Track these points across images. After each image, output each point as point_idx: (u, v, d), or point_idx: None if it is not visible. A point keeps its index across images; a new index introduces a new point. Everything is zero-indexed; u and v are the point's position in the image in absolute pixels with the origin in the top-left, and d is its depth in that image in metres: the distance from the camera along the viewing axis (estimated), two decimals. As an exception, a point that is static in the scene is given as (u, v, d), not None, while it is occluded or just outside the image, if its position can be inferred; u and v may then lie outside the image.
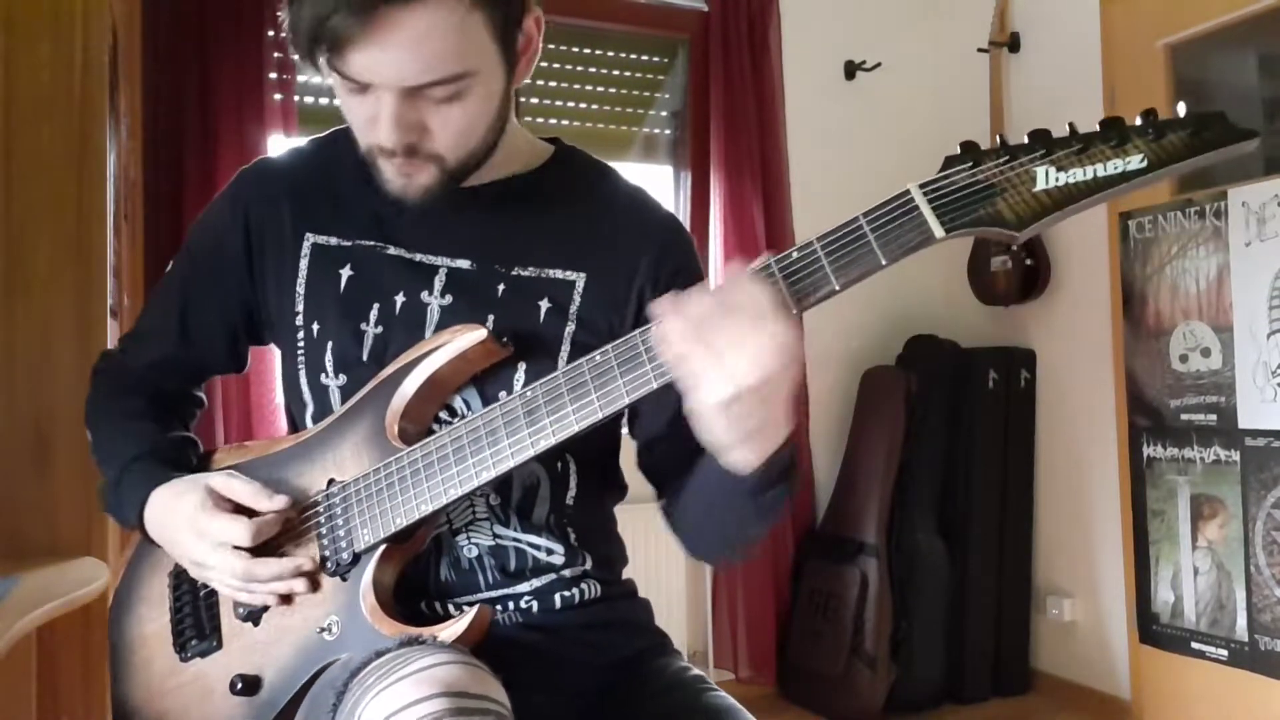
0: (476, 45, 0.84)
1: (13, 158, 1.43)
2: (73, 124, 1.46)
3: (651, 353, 0.79)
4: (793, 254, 0.77)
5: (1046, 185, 0.72)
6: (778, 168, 3.11)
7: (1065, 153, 0.72)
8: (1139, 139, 0.71)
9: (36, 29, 1.45)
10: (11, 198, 1.43)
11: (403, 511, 0.88)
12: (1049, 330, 3.16)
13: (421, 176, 0.89)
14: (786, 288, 0.75)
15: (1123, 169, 0.71)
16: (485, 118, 0.89)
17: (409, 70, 0.82)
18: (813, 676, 2.98)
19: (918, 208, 0.75)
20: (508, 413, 0.85)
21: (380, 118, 0.85)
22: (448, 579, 0.95)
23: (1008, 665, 3.12)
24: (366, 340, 0.95)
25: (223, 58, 2.47)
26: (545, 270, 0.97)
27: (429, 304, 0.95)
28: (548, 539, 0.97)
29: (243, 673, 0.92)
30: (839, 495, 3.14)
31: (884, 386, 3.12)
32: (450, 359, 0.90)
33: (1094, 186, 0.72)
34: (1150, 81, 2.81)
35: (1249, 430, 2.54)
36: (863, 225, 0.76)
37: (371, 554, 0.89)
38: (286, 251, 1.00)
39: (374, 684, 0.75)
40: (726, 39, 3.04)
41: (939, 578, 3.00)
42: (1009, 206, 0.73)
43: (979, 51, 3.25)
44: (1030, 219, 0.73)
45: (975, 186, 0.74)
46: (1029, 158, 0.73)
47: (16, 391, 1.41)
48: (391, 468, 0.89)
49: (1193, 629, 2.69)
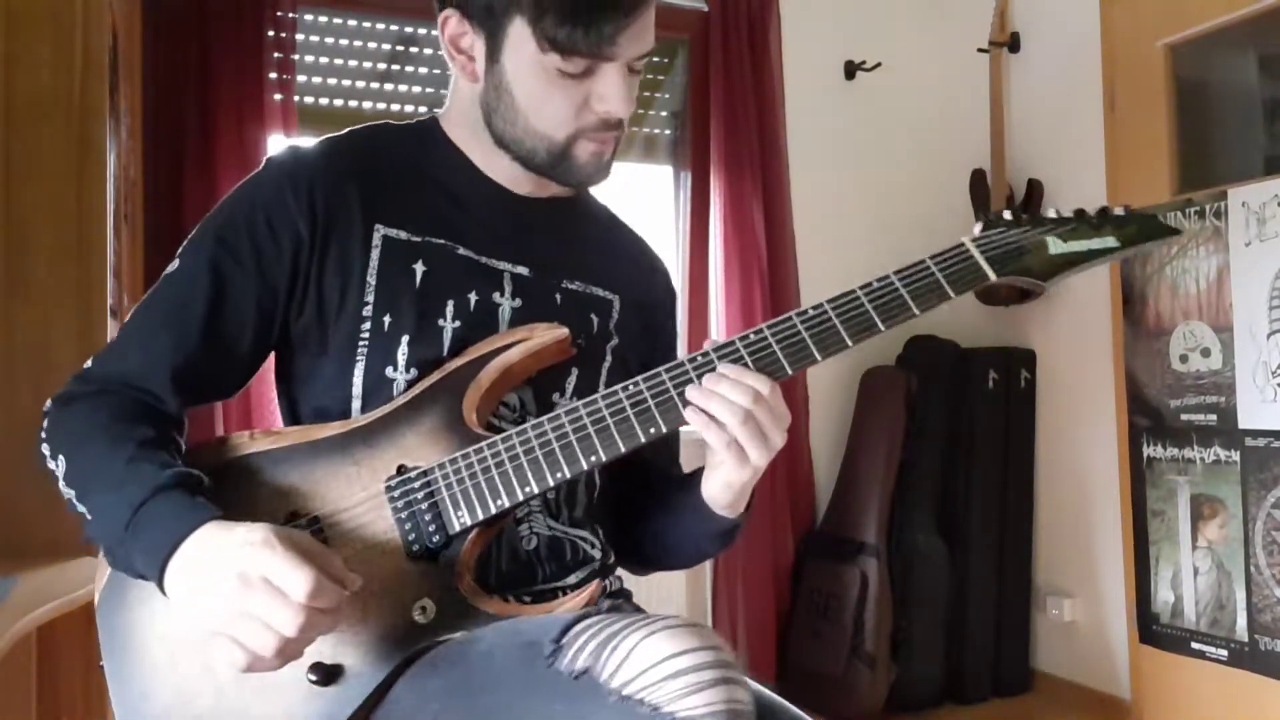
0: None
1: (13, 158, 1.43)
2: (73, 124, 1.47)
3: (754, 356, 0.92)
4: (873, 283, 0.93)
5: (1056, 251, 0.97)
6: (778, 168, 3.11)
7: (1065, 229, 0.98)
8: (1111, 225, 0.98)
9: (36, 29, 1.45)
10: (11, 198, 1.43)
11: (503, 492, 0.90)
12: (1049, 330, 3.16)
13: (610, 148, 1.00)
14: (873, 309, 0.92)
15: (1102, 245, 0.98)
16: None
17: (644, 47, 0.96)
18: (813, 676, 2.98)
19: (973, 256, 0.95)
20: (612, 404, 0.91)
21: (609, 94, 0.95)
22: (508, 569, 0.97)
23: (1008, 665, 3.12)
24: (446, 335, 0.97)
25: (223, 58, 2.47)
26: (590, 286, 1.06)
27: (500, 304, 1.00)
28: (589, 533, 1.03)
29: (321, 661, 0.86)
30: (839, 495, 3.14)
31: (884, 386, 3.12)
32: (526, 355, 0.95)
33: (1086, 256, 0.97)
34: (1150, 81, 2.81)
35: (1249, 430, 2.54)
36: (930, 266, 0.94)
37: (464, 536, 0.90)
38: (354, 240, 0.97)
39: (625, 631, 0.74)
40: (726, 39, 3.04)
41: (939, 578, 3.00)
42: (1036, 262, 0.96)
43: (979, 51, 3.25)
44: (1051, 273, 0.96)
45: (1010, 245, 0.97)
46: (1041, 229, 0.98)
47: (16, 391, 1.41)
48: (484, 452, 0.91)
49: (1193, 629, 2.69)
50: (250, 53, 2.50)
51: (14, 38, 1.43)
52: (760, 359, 0.91)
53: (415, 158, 1.03)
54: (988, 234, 0.97)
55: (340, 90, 2.76)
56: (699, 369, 0.91)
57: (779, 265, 3.09)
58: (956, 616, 3.04)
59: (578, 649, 0.76)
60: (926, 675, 2.98)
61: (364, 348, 0.96)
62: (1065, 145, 3.07)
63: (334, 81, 2.75)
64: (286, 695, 0.86)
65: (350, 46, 2.78)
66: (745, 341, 0.92)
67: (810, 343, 0.92)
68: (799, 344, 0.92)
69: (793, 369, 0.91)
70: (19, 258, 1.43)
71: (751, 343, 0.92)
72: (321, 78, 2.74)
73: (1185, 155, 2.77)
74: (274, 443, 0.95)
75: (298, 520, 0.90)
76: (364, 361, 0.96)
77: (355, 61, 2.78)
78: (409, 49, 2.83)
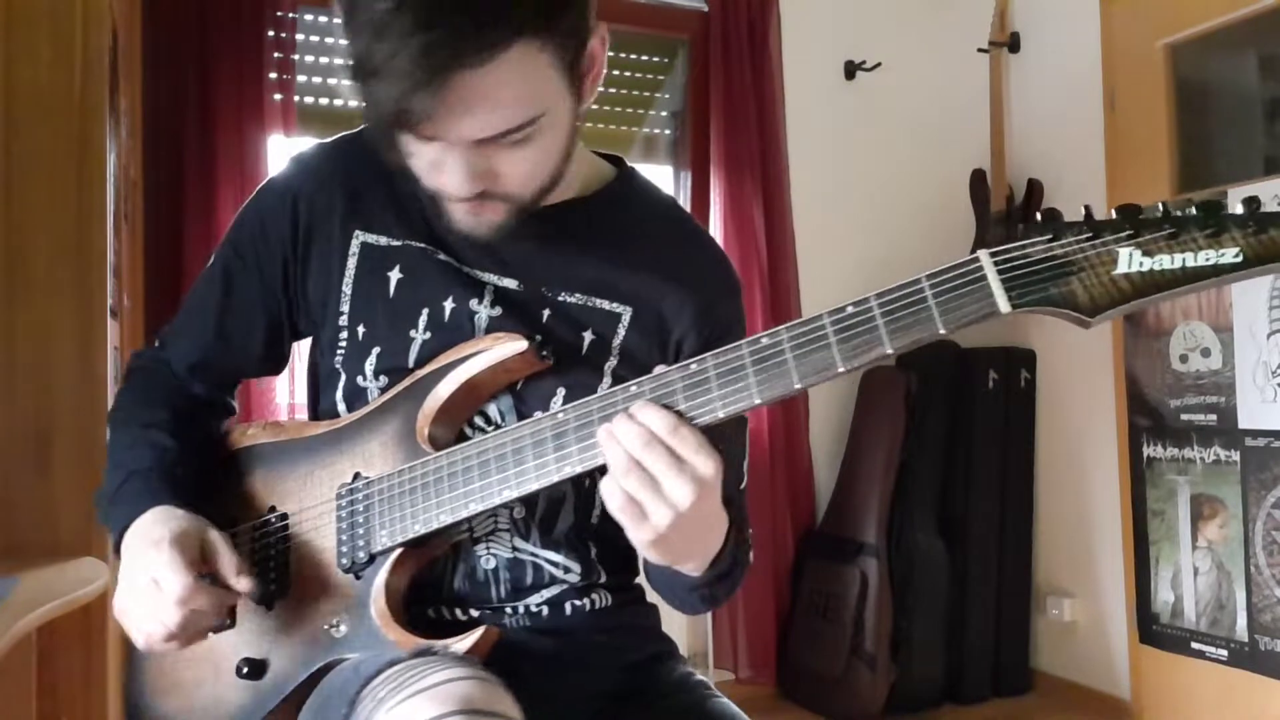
0: (546, 85, 0.81)
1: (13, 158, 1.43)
2: (73, 124, 1.46)
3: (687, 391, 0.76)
4: (847, 308, 0.73)
5: (1129, 269, 0.66)
6: (778, 168, 3.11)
7: (1154, 236, 0.66)
8: (1237, 230, 0.64)
9: (36, 28, 1.45)
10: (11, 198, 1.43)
11: (422, 520, 0.86)
12: (1049, 330, 3.16)
13: (491, 215, 0.87)
14: (836, 344, 0.72)
15: (1215, 261, 0.64)
16: (555, 151, 0.87)
17: (483, 128, 0.79)
18: (813, 676, 2.98)
19: (985, 277, 0.69)
20: (536, 433, 0.82)
21: (447, 168, 0.82)
22: (461, 588, 0.94)
23: (1008, 665, 3.11)
24: (414, 348, 0.94)
25: (223, 58, 2.47)
26: (592, 299, 0.95)
27: (478, 312, 0.93)
28: (566, 556, 0.96)
29: (250, 656, 0.92)
30: (839, 495, 3.14)
31: (884, 386, 3.12)
32: (488, 366, 0.89)
33: (1181, 278, 0.65)
34: (1150, 81, 2.81)
35: (1249, 430, 2.54)
36: (924, 288, 0.71)
37: (387, 557, 0.88)
38: (334, 246, 0.96)
39: (387, 696, 0.74)
40: (726, 39, 3.04)
41: (939, 578, 3.00)
42: (1084, 288, 0.67)
43: (979, 51, 3.25)
44: (1106, 305, 0.67)
45: (1051, 262, 0.68)
46: (1114, 237, 0.67)
47: (16, 391, 1.41)
48: (417, 471, 0.88)
49: (1193, 629, 2.69)
50: (250, 53, 2.50)
51: (14, 37, 1.43)
52: (694, 395, 0.76)
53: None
54: (1018, 245, 0.69)
55: (340, 90, 2.75)
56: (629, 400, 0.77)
57: (779, 265, 3.09)
58: (956, 616, 3.04)
59: (363, 712, 0.76)
60: (926, 675, 2.98)
61: (341, 356, 0.97)
62: (1065, 145, 3.07)
63: (334, 81, 2.75)
64: (223, 680, 0.93)
65: (350, 46, 2.78)
66: (685, 373, 0.76)
67: (753, 382, 0.74)
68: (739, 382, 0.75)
69: (725, 412, 0.75)
70: (19, 258, 1.43)
71: (692, 374, 0.76)
72: (321, 78, 2.74)
73: (1185, 155, 2.77)
74: (273, 436, 0.99)
75: (272, 515, 0.96)
76: (343, 371, 0.97)
77: (355, 61, 2.77)
78: (409, 49, 2.82)
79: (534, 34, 0.77)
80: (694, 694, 0.97)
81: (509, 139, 0.80)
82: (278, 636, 0.92)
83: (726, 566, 0.86)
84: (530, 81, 0.79)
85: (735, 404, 0.74)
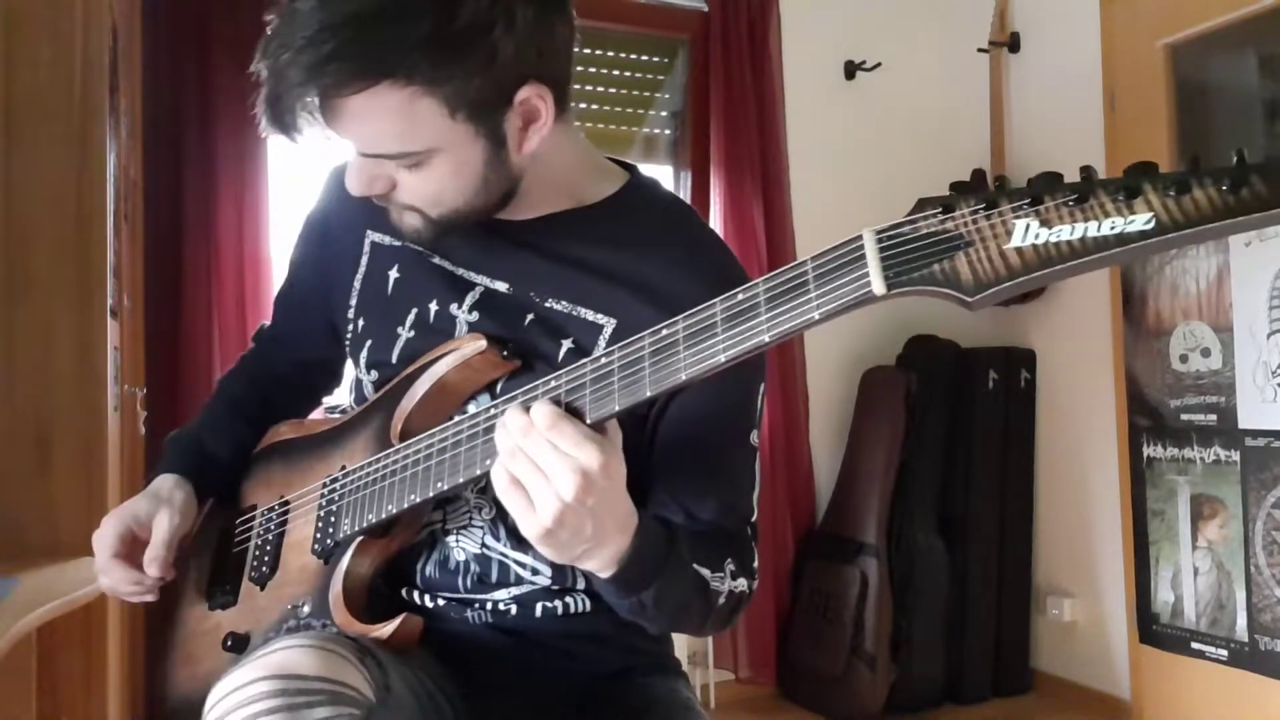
0: (430, 126, 0.83)
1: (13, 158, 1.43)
2: (73, 124, 1.46)
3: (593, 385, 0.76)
4: (738, 294, 0.71)
5: (1021, 243, 0.57)
6: (778, 168, 3.11)
7: (1055, 202, 0.57)
8: (1154, 193, 0.55)
9: (36, 29, 1.45)
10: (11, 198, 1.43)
11: (375, 508, 0.91)
12: (1049, 330, 3.16)
13: (406, 218, 0.92)
14: (723, 329, 0.70)
15: (1120, 230, 0.55)
16: (461, 186, 0.88)
17: (363, 145, 0.86)
18: (813, 676, 2.98)
19: (863, 256, 0.63)
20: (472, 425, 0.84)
21: (349, 166, 0.89)
22: (431, 574, 0.98)
23: (1008, 665, 3.11)
24: (399, 343, 0.99)
25: (223, 58, 2.47)
26: (577, 308, 0.94)
27: (456, 316, 0.97)
28: (535, 559, 0.96)
29: (235, 631, 0.99)
30: (839, 495, 3.14)
31: (884, 386, 3.12)
32: (455, 365, 0.93)
33: (1077, 250, 0.56)
34: (1150, 81, 2.81)
35: (1249, 430, 2.54)
36: (808, 270, 0.66)
37: (349, 543, 0.93)
38: (351, 245, 1.06)
39: (233, 666, 0.79)
40: (726, 39, 3.04)
41: (939, 578, 3.00)
42: (969, 265, 0.59)
43: (979, 51, 3.25)
44: (988, 284, 0.59)
45: (937, 237, 0.60)
46: (1011, 205, 0.58)
47: (16, 392, 1.41)
48: (380, 464, 0.92)
49: (1193, 629, 2.69)
50: (250, 53, 2.48)
51: (14, 38, 1.43)
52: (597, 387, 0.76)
53: None
54: (915, 217, 0.62)
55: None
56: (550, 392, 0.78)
57: (779, 265, 3.07)
58: (956, 617, 3.04)
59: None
60: (926, 675, 2.98)
61: (349, 348, 1.07)
62: (1065, 145, 3.07)
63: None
64: (215, 653, 1.00)
65: (350, 46, 2.77)
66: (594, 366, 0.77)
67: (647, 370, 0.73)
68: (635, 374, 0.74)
69: (622, 404, 0.74)
70: (19, 258, 1.43)
71: (600, 366, 0.76)
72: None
73: (1185, 155, 2.75)
74: (293, 432, 1.09)
75: (279, 501, 1.03)
76: (350, 362, 1.08)
77: (355, 61, 2.77)
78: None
79: (406, 79, 0.80)
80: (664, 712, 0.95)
81: (396, 161, 0.86)
82: (261, 616, 0.98)
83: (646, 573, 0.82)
84: (404, 119, 0.82)
85: (631, 397, 0.73)
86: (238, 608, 1.01)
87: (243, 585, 1.02)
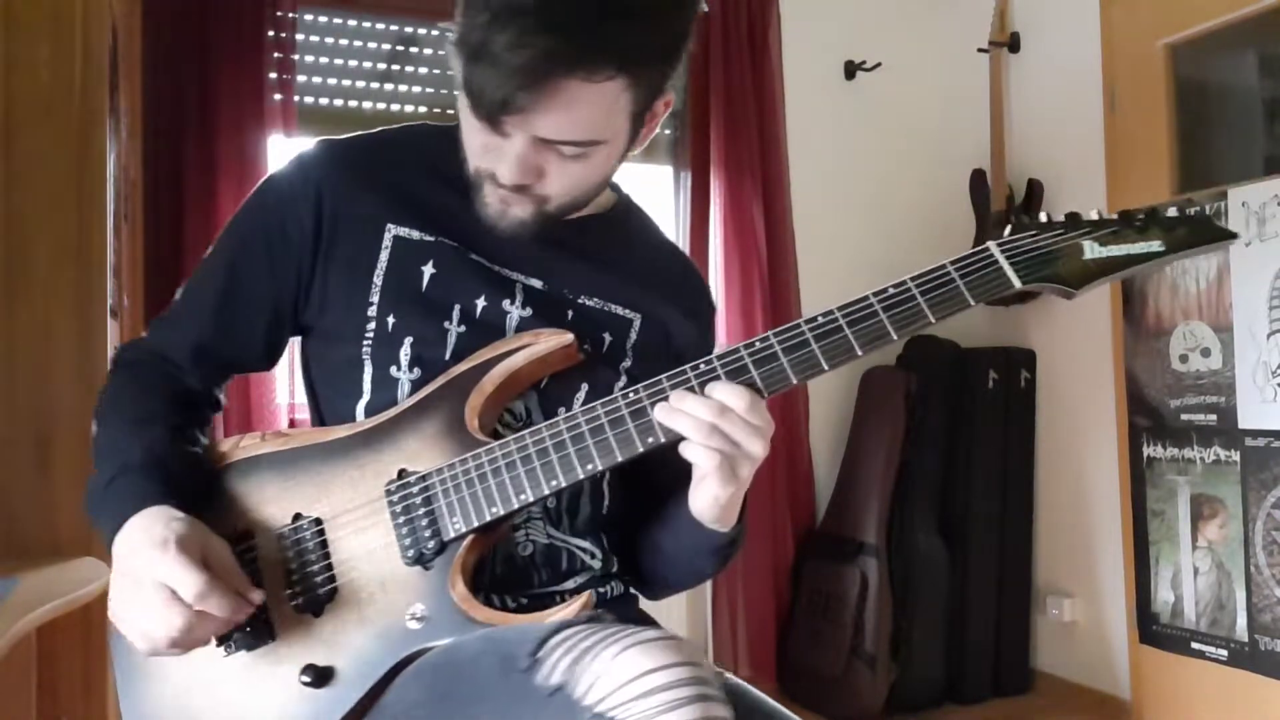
0: (617, 121, 0.90)
1: (13, 158, 1.44)
2: (73, 124, 1.47)
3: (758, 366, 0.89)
4: (889, 289, 0.90)
5: (1092, 256, 0.91)
6: (778, 168, 3.11)
7: (1103, 233, 0.92)
8: (1158, 228, 0.91)
9: (36, 29, 1.45)
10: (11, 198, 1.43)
11: (498, 500, 0.89)
12: (1049, 330, 3.16)
13: (519, 210, 0.94)
14: (887, 318, 0.89)
15: (1146, 250, 0.91)
16: (598, 178, 0.96)
17: (556, 131, 0.87)
18: (813, 676, 2.98)
19: (998, 262, 0.91)
20: (591, 419, 0.90)
21: (506, 155, 0.89)
22: (502, 574, 0.96)
23: (1008, 665, 3.11)
24: (450, 339, 0.97)
25: (223, 58, 2.47)
26: (608, 304, 1.03)
27: (510, 312, 0.99)
28: (591, 543, 1.01)
29: (314, 663, 0.89)
30: (839, 495, 3.14)
31: (884, 386, 3.12)
32: (533, 360, 0.94)
33: (1128, 261, 0.91)
34: (1150, 81, 2.81)
35: (1249, 430, 2.54)
36: (950, 272, 0.90)
37: (459, 543, 0.90)
38: (365, 238, 0.99)
39: (598, 646, 0.73)
40: (726, 39, 3.04)
41: (939, 577, 3.00)
42: (1067, 270, 0.91)
43: (979, 51, 3.25)
44: (1084, 280, 0.91)
45: (1039, 250, 0.92)
46: (1076, 233, 0.92)
47: (16, 391, 1.41)
48: (482, 459, 0.90)
49: (1193, 629, 2.69)
50: (250, 53, 2.50)
51: (14, 38, 1.43)
52: (766, 369, 0.89)
53: (444, 161, 1.00)
54: (1015, 238, 0.91)
55: (340, 90, 2.76)
56: (702, 377, 0.89)
57: (779, 265, 3.09)
58: (956, 616, 3.04)
59: (553, 663, 0.75)
60: (926, 675, 2.98)
61: (368, 347, 0.98)
62: (1065, 145, 3.07)
63: (334, 81, 2.75)
64: (279, 696, 0.89)
65: (350, 46, 2.78)
66: (750, 350, 0.89)
67: (819, 352, 0.88)
68: (807, 354, 0.88)
69: (798, 378, 0.88)
70: (19, 258, 1.43)
71: (757, 350, 0.89)
72: (321, 78, 2.74)
73: (1185, 155, 2.77)
74: (284, 444, 0.97)
75: (301, 520, 0.93)
76: (370, 362, 0.98)
77: (355, 61, 2.78)
78: (409, 49, 2.83)
79: (632, 74, 0.86)
80: None
81: (568, 149, 0.89)
82: (337, 640, 0.90)
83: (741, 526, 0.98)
84: (609, 112, 0.88)
85: (807, 372, 0.89)
86: (281, 642, 0.90)
87: (276, 616, 0.91)
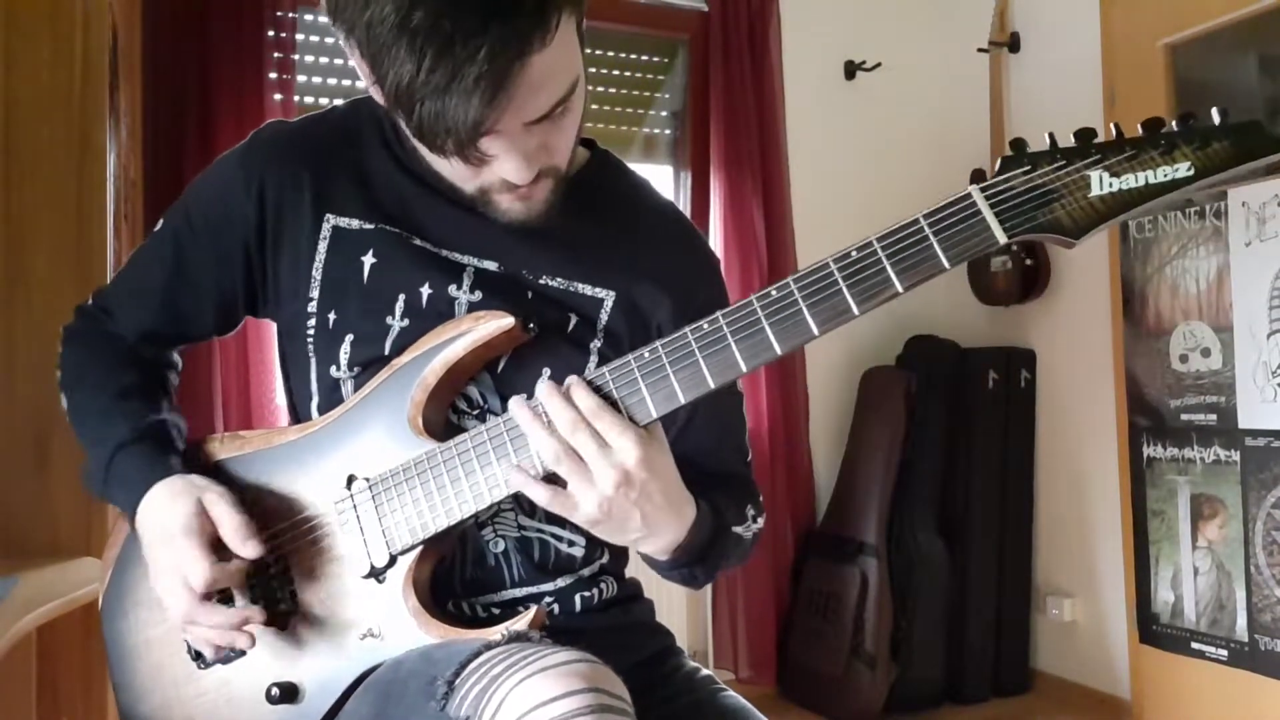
0: (576, 48, 0.80)
1: (13, 158, 1.44)
2: (73, 124, 1.47)
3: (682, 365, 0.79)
4: (852, 253, 0.76)
5: (1101, 191, 0.72)
6: (778, 167, 3.11)
7: (1118, 159, 0.72)
8: (1186, 146, 0.70)
9: (36, 29, 1.45)
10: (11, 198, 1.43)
11: (443, 511, 0.84)
12: (1049, 330, 3.16)
13: (541, 193, 0.85)
14: (847, 288, 0.76)
15: (1172, 176, 0.70)
16: (580, 115, 0.86)
17: (543, 104, 0.77)
18: (813, 676, 2.98)
19: (979, 211, 0.74)
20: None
21: (504, 159, 0.80)
22: (473, 576, 0.92)
23: (1008, 665, 3.12)
24: (391, 334, 0.91)
25: (223, 58, 2.46)
26: (574, 284, 0.94)
27: (457, 298, 0.91)
28: (569, 530, 0.95)
29: (279, 680, 0.88)
30: (839, 495, 3.14)
31: (884, 386, 3.12)
32: (474, 347, 0.86)
33: (1146, 194, 0.71)
34: (1150, 81, 2.81)
35: (1249, 430, 2.54)
36: (923, 227, 0.75)
37: (409, 555, 0.86)
38: (304, 229, 0.93)
39: (504, 675, 0.72)
40: (726, 39, 3.04)
41: (939, 578, 3.00)
42: (1066, 212, 0.72)
43: (979, 51, 3.25)
44: (1087, 225, 0.72)
45: (1034, 191, 0.73)
46: (1084, 163, 0.72)
47: (16, 391, 1.41)
48: (424, 464, 0.85)
49: (1193, 629, 2.69)
50: (250, 53, 2.50)
51: (14, 38, 1.43)
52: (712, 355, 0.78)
53: (391, 142, 0.95)
54: (1005, 177, 0.74)
55: (340, 90, 2.76)
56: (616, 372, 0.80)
57: (779, 265, 3.09)
58: (956, 616, 3.04)
59: (464, 693, 0.73)
60: (926, 675, 2.98)
61: (311, 344, 0.93)
62: (1065, 145, 3.07)
63: (334, 81, 2.75)
64: (248, 710, 0.89)
65: (350, 46, 2.78)
66: (697, 333, 0.79)
67: (770, 333, 0.77)
68: (757, 334, 0.77)
69: (749, 366, 0.77)
70: (19, 257, 1.43)
71: (705, 333, 0.78)
72: (321, 78, 2.74)
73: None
74: (238, 449, 0.95)
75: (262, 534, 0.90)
76: (314, 360, 0.93)
77: (355, 61, 2.78)
78: (409, 49, 2.82)
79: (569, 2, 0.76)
80: (703, 691, 0.97)
81: (558, 110, 0.79)
82: (300, 656, 0.88)
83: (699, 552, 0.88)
84: (570, 47, 0.78)
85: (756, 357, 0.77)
86: (249, 656, 0.89)
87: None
